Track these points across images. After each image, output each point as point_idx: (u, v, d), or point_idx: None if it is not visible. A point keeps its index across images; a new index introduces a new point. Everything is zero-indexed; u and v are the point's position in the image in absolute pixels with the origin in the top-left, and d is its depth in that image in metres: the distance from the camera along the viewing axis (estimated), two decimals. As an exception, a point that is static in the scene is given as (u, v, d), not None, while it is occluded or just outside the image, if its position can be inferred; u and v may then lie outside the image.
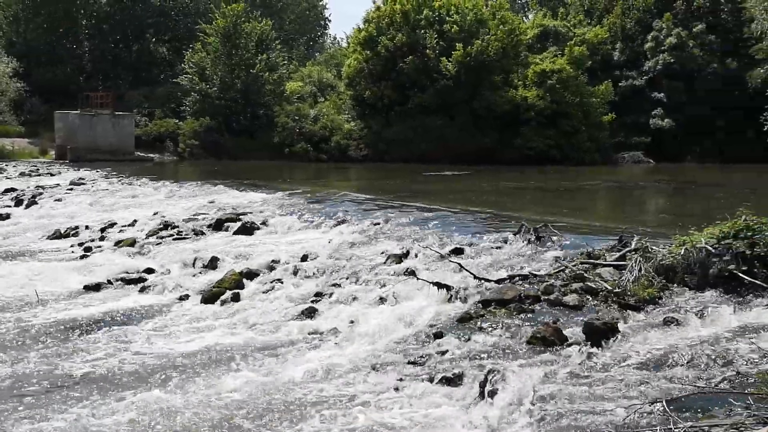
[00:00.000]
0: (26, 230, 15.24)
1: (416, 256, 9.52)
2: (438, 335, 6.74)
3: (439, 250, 9.37)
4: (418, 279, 8.23)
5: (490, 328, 6.67)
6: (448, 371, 5.76)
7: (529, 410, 4.89)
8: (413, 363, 6.17)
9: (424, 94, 35.72)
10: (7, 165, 30.59)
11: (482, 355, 6.02)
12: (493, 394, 5.13)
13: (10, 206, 19.04)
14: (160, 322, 8.09)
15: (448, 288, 7.90)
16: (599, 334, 6.03)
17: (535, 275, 8.00)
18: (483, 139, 34.99)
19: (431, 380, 5.72)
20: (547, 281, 7.71)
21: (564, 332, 6.19)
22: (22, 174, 27.02)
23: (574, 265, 8.01)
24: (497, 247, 9.43)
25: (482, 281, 7.99)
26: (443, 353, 6.26)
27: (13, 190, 21.78)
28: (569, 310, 6.93)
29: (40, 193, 20.41)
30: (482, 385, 5.31)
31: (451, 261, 8.81)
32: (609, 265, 7.89)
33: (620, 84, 39.01)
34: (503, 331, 6.56)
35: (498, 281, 7.95)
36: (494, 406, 5.01)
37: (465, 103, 35.24)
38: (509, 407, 4.95)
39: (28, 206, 18.76)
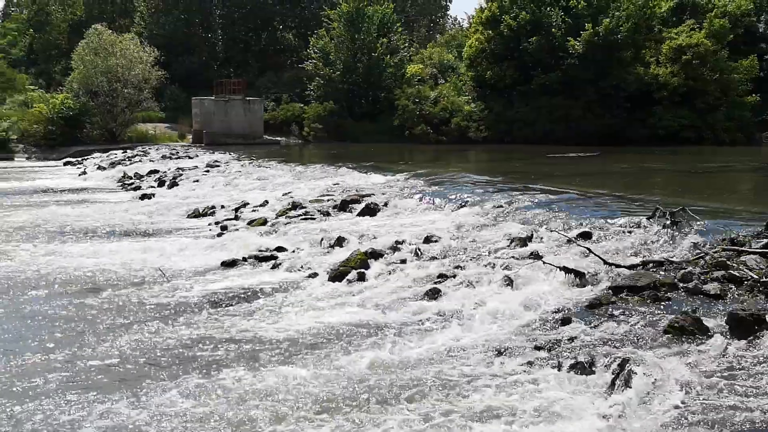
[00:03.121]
0: (169, 209, 16.46)
1: (541, 239, 9.30)
2: (566, 321, 6.57)
3: (566, 234, 9.09)
4: (544, 263, 8.05)
5: (622, 316, 6.42)
6: (578, 358, 5.59)
7: (666, 402, 4.67)
8: (540, 348, 6.06)
9: (548, 73, 34.60)
10: (150, 149, 33.09)
11: (614, 343, 5.79)
12: (627, 383, 4.94)
13: (154, 186, 20.69)
14: (292, 299, 8.44)
15: (577, 273, 7.66)
16: (745, 326, 5.63)
17: (672, 262, 7.59)
18: (610, 119, 33.45)
19: (559, 367, 5.59)
20: (685, 268, 7.29)
21: (704, 323, 5.83)
22: (163, 157, 29.15)
23: (716, 252, 7.52)
24: (628, 232, 9.00)
25: (613, 267, 7.69)
26: (572, 340, 6.08)
27: (156, 171, 23.60)
28: (710, 300, 6.54)
29: (180, 175, 21.92)
30: (615, 373, 5.12)
31: (578, 245, 8.53)
32: (755, 253, 7.34)
33: (766, 58, 35.86)
34: (637, 318, 6.29)
35: (630, 267, 7.61)
36: (628, 396, 4.81)
37: (591, 83, 33.77)
38: (644, 398, 4.75)
39: (170, 187, 20.27)
